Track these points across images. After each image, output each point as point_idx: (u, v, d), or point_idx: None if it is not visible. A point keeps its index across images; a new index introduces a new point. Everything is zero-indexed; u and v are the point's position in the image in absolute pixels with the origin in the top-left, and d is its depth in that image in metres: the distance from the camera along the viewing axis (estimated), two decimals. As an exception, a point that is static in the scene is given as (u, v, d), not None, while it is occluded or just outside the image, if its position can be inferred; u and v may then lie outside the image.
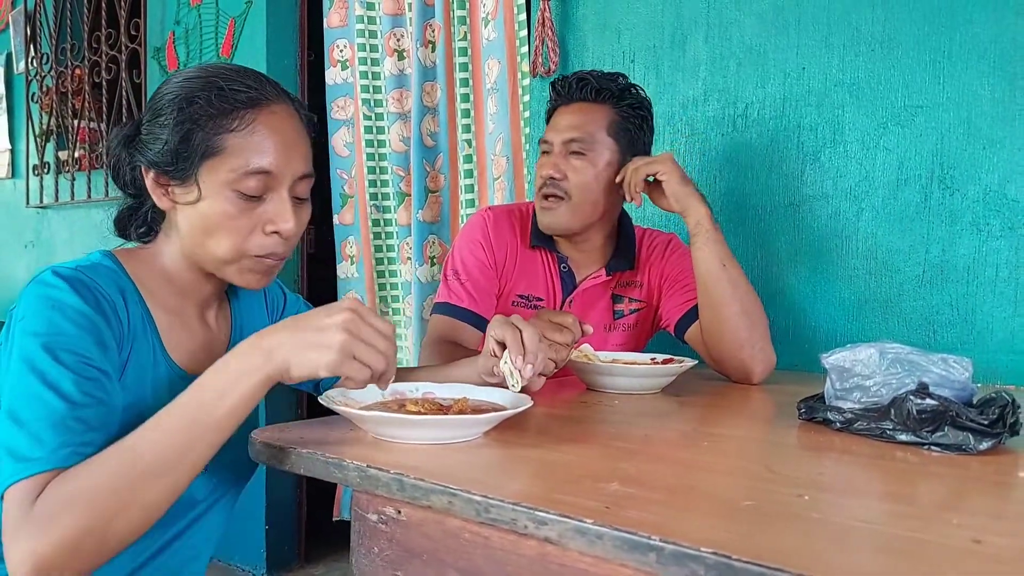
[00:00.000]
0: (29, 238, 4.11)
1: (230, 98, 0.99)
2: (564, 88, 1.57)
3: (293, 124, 1.04)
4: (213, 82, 0.99)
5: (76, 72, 3.73)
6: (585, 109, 1.55)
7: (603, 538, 0.63)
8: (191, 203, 1.00)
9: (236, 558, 2.97)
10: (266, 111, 1.00)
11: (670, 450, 0.93)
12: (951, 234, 1.64)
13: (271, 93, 1.02)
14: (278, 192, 1.01)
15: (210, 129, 0.98)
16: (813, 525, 0.66)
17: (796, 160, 1.82)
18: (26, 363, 0.87)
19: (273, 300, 1.27)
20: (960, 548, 0.60)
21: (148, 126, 1.02)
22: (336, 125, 2.73)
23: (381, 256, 2.69)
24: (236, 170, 0.98)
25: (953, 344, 1.62)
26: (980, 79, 1.60)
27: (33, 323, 0.90)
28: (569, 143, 1.53)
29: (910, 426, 0.94)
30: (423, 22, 2.46)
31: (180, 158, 0.99)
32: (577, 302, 1.64)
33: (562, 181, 1.53)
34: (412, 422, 0.91)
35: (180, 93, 1.00)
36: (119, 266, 1.03)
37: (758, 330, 1.44)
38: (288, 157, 1.01)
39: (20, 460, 0.81)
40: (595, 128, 1.54)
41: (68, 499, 0.80)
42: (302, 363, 0.86)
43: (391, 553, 0.84)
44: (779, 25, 1.83)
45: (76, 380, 0.87)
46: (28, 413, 0.84)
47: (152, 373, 1.02)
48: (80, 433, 0.85)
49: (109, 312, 0.96)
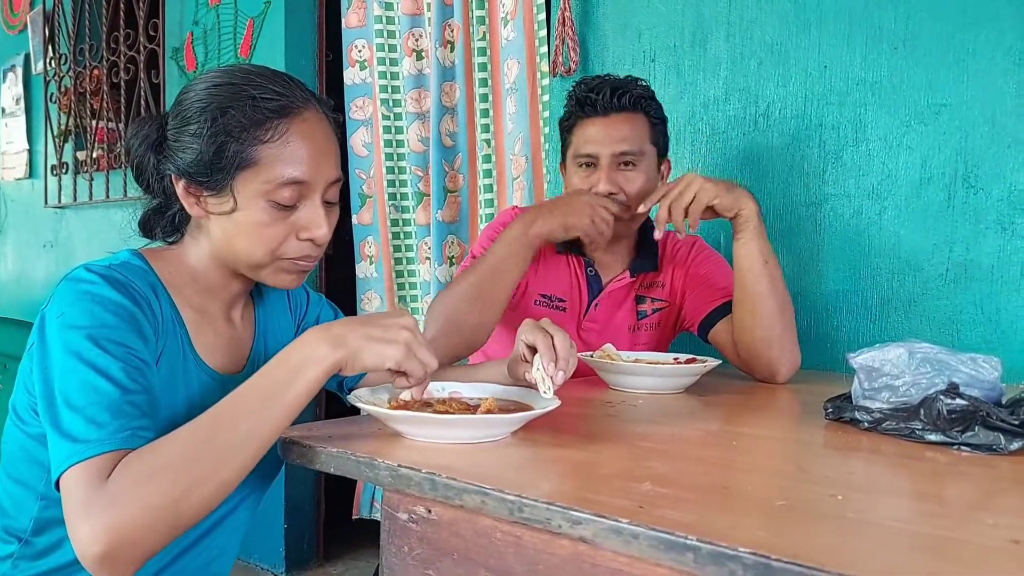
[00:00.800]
0: (48, 238, 4.14)
1: (262, 107, 0.99)
2: (596, 98, 1.54)
3: (323, 129, 1.04)
4: (244, 91, 1.00)
5: (94, 72, 3.75)
6: (628, 120, 1.54)
7: (639, 538, 0.63)
8: (225, 213, 1.01)
9: (255, 556, 2.98)
10: (297, 119, 1.01)
11: (698, 450, 0.93)
12: (975, 233, 1.63)
13: (300, 99, 1.02)
14: (311, 199, 1.02)
15: (244, 141, 0.98)
16: (848, 525, 0.66)
17: (818, 159, 1.82)
18: (73, 354, 0.88)
19: (296, 299, 1.28)
20: (998, 548, 0.60)
21: (176, 133, 1.02)
22: (355, 125, 2.74)
23: (400, 256, 2.70)
24: (271, 181, 0.99)
25: (977, 343, 1.61)
26: (1005, 76, 1.59)
27: (74, 316, 0.91)
28: (620, 156, 1.53)
29: (940, 426, 0.94)
30: (442, 22, 2.47)
31: (215, 169, 0.99)
32: (603, 305, 1.65)
33: (618, 195, 1.53)
34: (442, 422, 0.92)
35: (211, 102, 1.00)
36: (147, 265, 1.04)
37: (789, 330, 1.44)
38: (320, 165, 1.02)
39: (79, 442, 0.82)
40: (641, 138, 1.55)
41: (147, 473, 0.81)
42: (372, 353, 0.90)
43: (421, 552, 0.84)
44: (800, 23, 1.83)
45: (124, 368, 0.88)
46: (82, 399, 0.85)
47: (182, 369, 1.04)
48: (135, 417, 0.86)
49: (144, 305, 0.97)
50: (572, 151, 1.59)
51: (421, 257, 2.64)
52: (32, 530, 1.01)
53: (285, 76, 1.05)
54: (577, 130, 1.58)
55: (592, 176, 1.55)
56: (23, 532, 1.02)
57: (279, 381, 0.89)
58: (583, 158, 1.56)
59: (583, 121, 1.57)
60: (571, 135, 1.60)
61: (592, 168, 1.56)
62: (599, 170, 1.54)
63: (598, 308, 1.64)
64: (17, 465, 1.02)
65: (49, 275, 4.12)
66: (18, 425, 1.01)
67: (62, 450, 0.83)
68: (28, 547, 1.02)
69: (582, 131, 1.57)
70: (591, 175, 1.55)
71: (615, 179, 1.53)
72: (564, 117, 1.63)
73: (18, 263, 4.41)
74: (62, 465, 0.82)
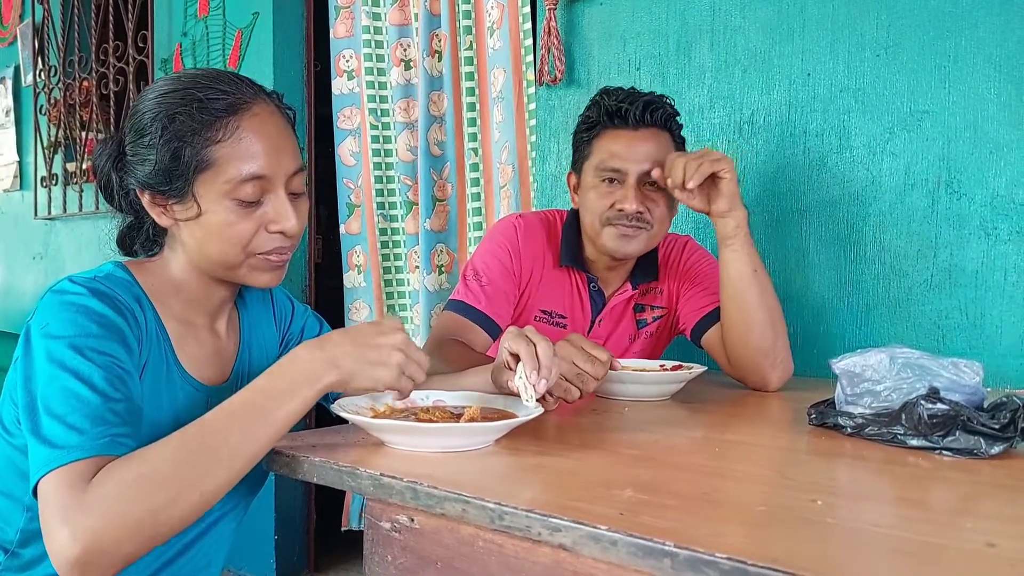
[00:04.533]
0: (37, 250, 4.12)
1: (210, 108, 0.99)
2: (629, 110, 1.47)
3: (275, 121, 1.04)
4: (191, 94, 1.00)
5: (84, 84, 3.75)
6: (656, 137, 1.49)
7: (617, 544, 0.63)
8: (192, 218, 1.01)
9: (246, 567, 2.97)
10: (247, 115, 1.01)
11: (682, 457, 0.93)
12: (959, 238, 1.64)
13: (249, 94, 1.03)
14: (274, 192, 1.02)
15: (197, 144, 0.98)
16: (827, 530, 0.66)
17: (803, 166, 1.82)
18: (55, 362, 0.88)
19: (281, 309, 1.27)
20: (975, 552, 0.61)
21: (133, 147, 1.03)
22: (343, 135, 2.74)
23: (388, 265, 2.70)
24: (230, 180, 0.99)
25: (962, 348, 1.62)
26: (986, 83, 1.60)
27: (58, 327, 0.91)
28: (647, 175, 1.46)
29: (921, 431, 0.94)
30: (429, 32, 2.47)
31: (173, 176, 0.99)
32: (606, 320, 1.63)
33: (644, 214, 1.48)
34: (426, 430, 0.92)
35: (160, 111, 1.00)
36: (131, 276, 1.04)
37: (781, 339, 1.43)
38: (278, 157, 1.02)
39: (57, 448, 0.82)
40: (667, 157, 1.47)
41: (131, 480, 0.80)
42: (366, 377, 0.92)
43: (405, 561, 0.84)
44: (784, 31, 1.84)
45: (107, 376, 0.88)
46: (63, 406, 0.85)
47: (166, 380, 1.04)
48: (116, 424, 0.86)
49: (129, 316, 0.97)
50: (594, 163, 1.51)
51: (410, 266, 2.64)
52: (18, 541, 1.01)
53: (231, 74, 1.05)
54: (602, 142, 1.51)
55: (616, 192, 1.48)
56: (9, 543, 1.02)
57: (269, 398, 0.89)
58: (609, 172, 1.49)
59: (610, 132, 1.50)
60: (592, 146, 1.53)
61: (616, 184, 1.49)
62: (625, 187, 1.47)
63: (601, 324, 1.62)
64: (3, 476, 1.02)
65: (39, 287, 4.11)
66: (4, 436, 1.01)
67: (40, 456, 0.82)
68: (15, 559, 1.01)
69: (608, 143, 1.50)
70: (615, 191, 1.49)
71: (641, 198, 1.47)
72: (585, 126, 1.55)
73: (8, 275, 4.39)
74: (40, 471, 0.82)
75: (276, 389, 0.89)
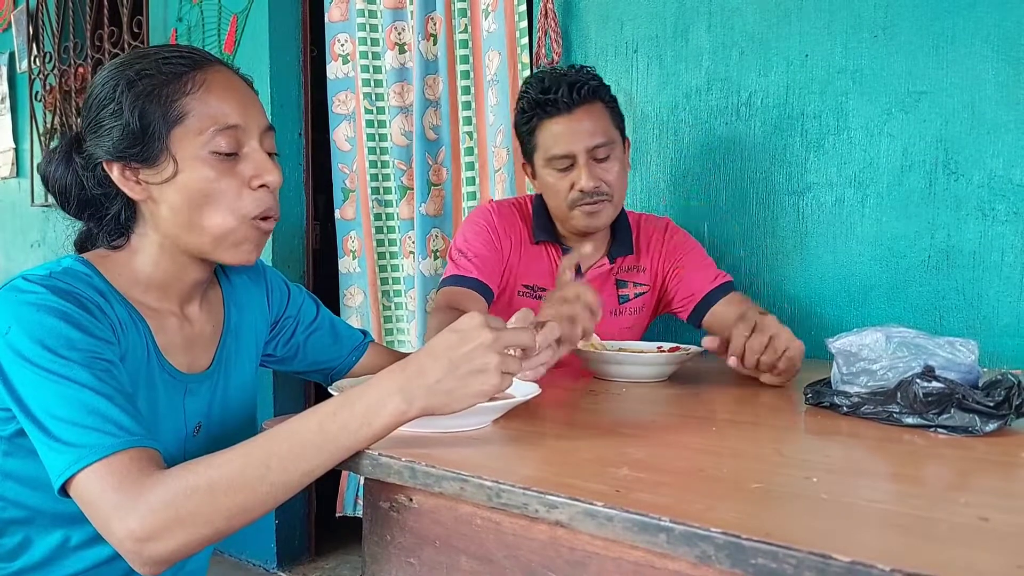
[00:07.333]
0: (35, 237, 4.12)
1: (174, 63, 0.99)
2: (556, 97, 1.51)
3: (239, 80, 1.05)
4: (149, 58, 1.00)
5: (79, 70, 3.73)
6: (590, 111, 1.53)
7: (613, 520, 0.64)
8: (169, 180, 0.98)
9: (246, 553, 2.98)
10: (212, 70, 1.01)
11: (678, 436, 0.94)
12: (956, 219, 1.64)
13: (207, 58, 1.03)
14: (250, 144, 1.02)
15: (165, 98, 0.97)
16: (822, 505, 0.66)
17: (800, 148, 1.82)
18: (33, 368, 0.86)
19: (277, 291, 1.26)
20: (967, 525, 0.61)
21: (94, 125, 1.00)
22: (337, 119, 2.73)
23: (383, 251, 2.69)
24: (204, 131, 0.98)
25: (959, 329, 1.63)
26: (984, 63, 1.60)
27: (25, 328, 0.88)
28: (595, 150, 1.52)
29: (917, 409, 0.94)
30: (424, 15, 2.46)
31: (146, 136, 0.97)
32: None
33: (600, 186, 1.53)
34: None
35: (120, 79, 0.99)
36: (92, 269, 1.01)
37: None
38: (248, 110, 1.02)
39: (79, 447, 0.82)
40: (607, 126, 1.55)
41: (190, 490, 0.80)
42: (466, 397, 0.83)
43: (403, 540, 0.85)
44: (780, 13, 1.83)
45: (91, 372, 0.87)
46: (63, 409, 0.84)
47: (145, 369, 1.02)
48: (133, 415, 0.86)
49: (93, 309, 0.94)
50: (542, 154, 1.57)
51: (405, 251, 2.64)
52: None
53: (187, 46, 1.05)
54: (541, 132, 1.56)
55: (571, 174, 1.54)
56: None
57: (342, 426, 0.83)
58: (559, 160, 1.54)
59: (546, 121, 1.55)
60: (534, 137, 1.58)
61: (569, 168, 1.54)
62: (577, 168, 1.53)
63: None
64: None
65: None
66: None
67: (60, 459, 0.82)
68: None
69: (548, 131, 1.55)
70: (570, 173, 1.54)
71: (595, 174, 1.53)
72: (523, 119, 1.59)
73: (6, 262, 4.38)
74: (70, 469, 0.81)
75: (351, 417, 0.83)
